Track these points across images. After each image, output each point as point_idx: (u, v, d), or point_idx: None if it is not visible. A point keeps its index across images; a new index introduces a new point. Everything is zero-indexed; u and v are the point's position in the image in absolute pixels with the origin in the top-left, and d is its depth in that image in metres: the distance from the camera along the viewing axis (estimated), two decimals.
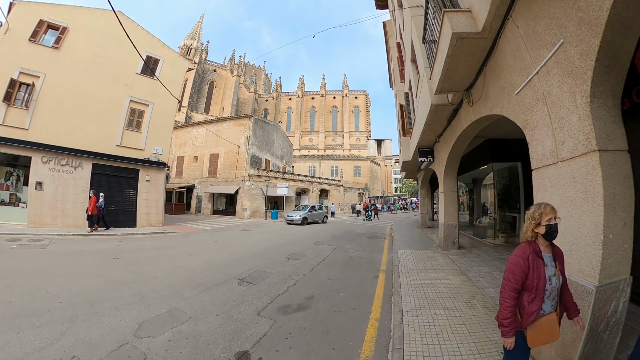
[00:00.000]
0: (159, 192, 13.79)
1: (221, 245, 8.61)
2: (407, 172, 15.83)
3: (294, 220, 15.55)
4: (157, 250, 7.43)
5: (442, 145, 7.56)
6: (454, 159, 7.31)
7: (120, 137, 12.90)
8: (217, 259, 6.58)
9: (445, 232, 7.76)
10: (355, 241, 9.46)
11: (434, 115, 6.24)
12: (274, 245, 8.51)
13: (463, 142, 6.52)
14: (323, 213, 17.98)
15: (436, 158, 8.45)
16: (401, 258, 6.66)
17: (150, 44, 14.67)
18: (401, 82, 12.77)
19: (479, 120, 5.06)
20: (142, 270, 5.36)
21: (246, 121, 22.37)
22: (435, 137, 7.88)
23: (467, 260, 6.58)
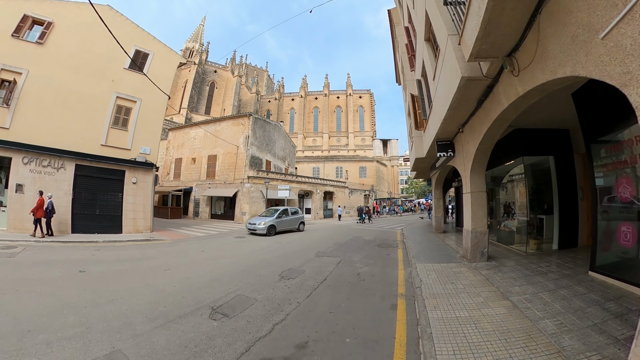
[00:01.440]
0: (147, 196, 12.78)
1: (207, 257, 7.46)
2: (419, 172, 14.42)
3: (257, 229, 11.96)
4: (133, 262, 6.55)
5: (468, 135, 6.21)
6: (483, 152, 5.94)
7: (105, 136, 12.16)
8: (195, 276, 5.43)
9: (473, 241, 6.38)
10: (364, 251, 8.12)
11: (462, 95, 4.91)
12: (267, 258, 7.24)
13: (498, 128, 5.18)
14: (299, 219, 14.40)
15: (458, 152, 7.09)
16: (422, 276, 5.30)
17: (140, 38, 13.92)
18: (411, 70, 11.49)
19: (528, 95, 3.79)
20: (104, 289, 4.56)
21: (245, 120, 21.29)
22: (458, 127, 6.53)
23: (503, 277, 5.24)
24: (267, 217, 12.94)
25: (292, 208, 14.76)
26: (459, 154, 6.97)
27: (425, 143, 9.03)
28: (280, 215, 13.23)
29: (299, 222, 14.46)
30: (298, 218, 14.45)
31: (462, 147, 6.65)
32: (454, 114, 5.72)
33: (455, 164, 7.38)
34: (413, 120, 9.76)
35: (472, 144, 5.99)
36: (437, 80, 6.30)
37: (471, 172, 6.22)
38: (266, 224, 12.21)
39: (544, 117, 6.39)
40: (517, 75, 3.77)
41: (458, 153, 7.06)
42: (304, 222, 14.87)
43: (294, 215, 14.26)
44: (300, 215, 14.73)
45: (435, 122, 6.94)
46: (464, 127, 6.38)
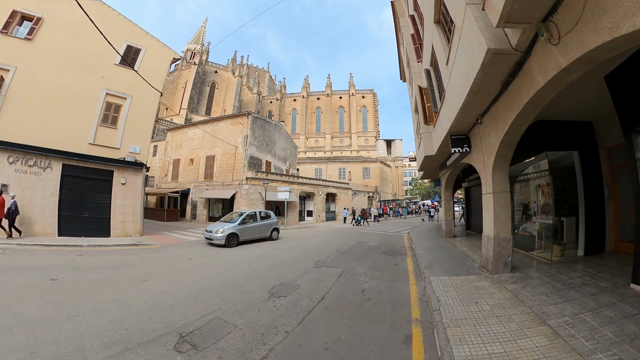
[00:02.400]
0: (136, 197, 12.11)
1: (192, 266, 6.69)
2: (427, 172, 13.50)
3: (214, 239, 9.56)
4: (112, 270, 6.01)
5: (489, 126, 5.35)
6: (508, 144, 5.08)
7: (94, 134, 11.58)
8: (172, 290, 4.70)
9: (496, 250, 5.50)
10: (369, 259, 7.25)
11: (485, 75, 4.07)
12: (259, 269, 6.41)
13: (529, 114, 4.33)
14: (270, 225, 11.57)
15: (475, 147, 6.22)
16: (439, 293, 4.44)
17: (132, 33, 13.38)
18: (418, 61, 10.70)
19: (572, 68, 3.09)
20: (68, 302, 4.09)
21: (244, 119, 20.60)
22: (477, 117, 5.67)
23: (533, 293, 4.40)
24: (227, 223, 10.22)
25: (263, 211, 11.93)
26: (477, 149, 6.10)
27: (436, 139, 8.17)
28: (245, 221, 10.47)
29: (272, 228, 11.58)
30: (269, 224, 11.59)
31: (481, 140, 5.79)
32: (473, 101, 4.87)
33: (472, 160, 6.51)
34: (421, 115, 8.91)
35: (495, 135, 5.12)
36: (451, 64, 5.47)
37: (493, 169, 5.35)
38: (225, 231, 9.52)
39: (566, 107, 5.57)
40: (556, 44, 2.97)
41: (475, 148, 6.19)
42: (277, 228, 11.97)
43: (264, 220, 11.41)
44: (273, 220, 11.91)
45: (449, 113, 6.09)
46: (484, 117, 5.52)
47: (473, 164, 6.42)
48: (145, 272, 5.89)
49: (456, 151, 6.39)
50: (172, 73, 51.72)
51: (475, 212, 13.04)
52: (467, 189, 13.81)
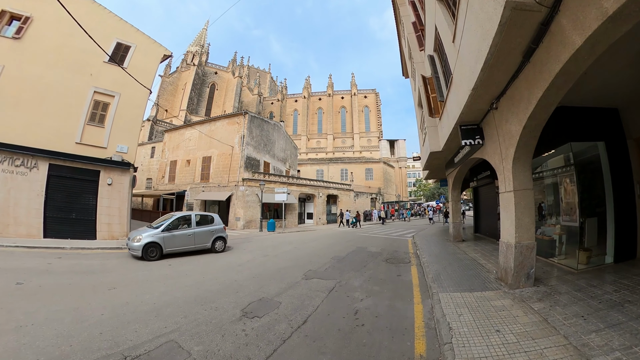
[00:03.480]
0: (123, 198, 11.64)
1: (168, 274, 6.08)
2: (432, 171, 12.58)
3: (131, 248, 7.54)
4: (83, 276, 5.71)
5: (507, 111, 4.47)
6: (532, 131, 4.22)
7: (81, 133, 11.27)
8: (136, 302, 4.21)
9: (517, 260, 4.60)
10: (368, 269, 6.36)
11: (503, 41, 3.24)
12: (239, 280, 5.61)
13: (560, 89, 3.48)
14: (212, 232, 8.87)
15: (490, 138, 5.34)
16: (450, 317, 3.55)
17: (122, 30, 13.07)
18: (420, 49, 9.92)
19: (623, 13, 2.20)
20: (24, 309, 3.83)
21: (240, 119, 19.93)
22: (491, 101, 4.81)
23: (566, 315, 3.56)
24: (151, 229, 7.98)
25: (202, 214, 9.30)
26: (492, 139, 5.21)
27: (443, 132, 7.30)
28: (172, 226, 8.04)
29: (214, 237, 8.81)
30: (210, 231, 8.77)
31: (497, 129, 4.91)
32: (488, 79, 4.02)
33: (485, 154, 5.62)
34: (426, 107, 8.06)
35: (515, 121, 4.25)
36: (459, 39, 4.65)
37: (514, 162, 4.46)
38: (141, 240, 7.40)
39: (588, 90, 4.71)
40: None
41: (490, 139, 5.31)
42: (224, 237, 9.11)
43: (202, 226, 8.71)
44: (217, 226, 9.01)
45: (457, 99, 5.24)
46: (500, 100, 4.64)
47: (487, 158, 5.53)
48: (118, 279, 5.52)
49: (467, 144, 5.51)
50: (172, 75, 51.56)
51: (484, 214, 12.09)
52: (476, 189, 12.84)
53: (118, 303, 4.13)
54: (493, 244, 9.54)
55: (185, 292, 4.72)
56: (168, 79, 50.61)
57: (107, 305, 4.05)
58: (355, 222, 20.47)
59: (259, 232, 15.87)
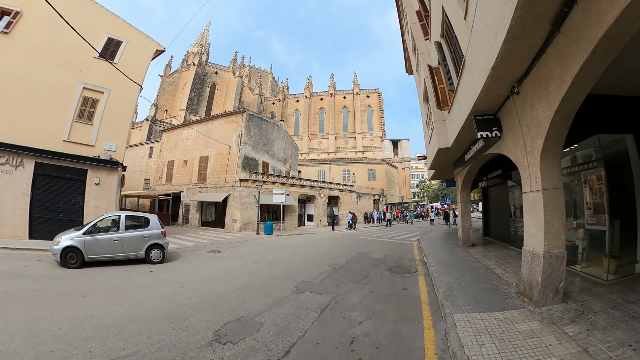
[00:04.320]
0: (111, 199, 11.13)
1: (147, 282, 5.64)
2: (439, 170, 11.80)
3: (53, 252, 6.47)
4: (57, 281, 5.37)
5: (533, 94, 3.75)
6: (565, 117, 3.51)
7: (69, 130, 10.92)
8: (102, 314, 3.82)
9: (546, 272, 3.88)
10: (369, 280, 5.61)
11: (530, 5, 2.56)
12: (222, 292, 4.94)
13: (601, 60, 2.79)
14: (146, 237, 7.24)
15: (510, 129, 4.60)
16: (470, 348, 2.82)
17: (114, 25, 12.69)
18: (425, 39, 9.27)
19: None
20: None
21: (238, 117, 19.33)
22: (512, 84, 4.09)
23: (610, 343, 2.90)
24: (70, 232, 6.79)
25: (134, 215, 7.72)
26: (512, 130, 4.48)
27: (452, 126, 6.57)
28: (97, 229, 6.76)
29: (149, 244, 7.19)
30: (143, 237, 7.17)
31: (520, 118, 4.17)
32: (510, 55, 3.33)
33: (504, 148, 4.88)
34: (433, 99, 7.33)
35: (544, 106, 3.53)
36: (473, 12, 3.99)
37: (542, 155, 3.73)
38: (61, 243, 6.31)
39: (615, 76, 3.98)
40: None
41: (510, 130, 4.57)
42: (162, 245, 7.42)
43: (132, 230, 7.16)
44: (152, 231, 7.33)
45: (472, 84, 4.52)
46: (522, 83, 3.92)
47: (506, 153, 4.79)
48: (91, 286, 5.13)
49: (483, 136, 4.77)
50: (172, 75, 51.31)
51: (495, 216, 11.29)
52: (485, 189, 12.05)
53: (82, 315, 3.75)
54: (505, 249, 8.78)
55: (157, 305, 4.18)
56: (168, 79, 50.35)
57: (70, 316, 3.68)
58: (352, 224, 20.14)
59: (256, 235, 15.19)
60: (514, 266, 6.25)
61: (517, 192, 8.86)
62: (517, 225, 8.85)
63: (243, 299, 4.52)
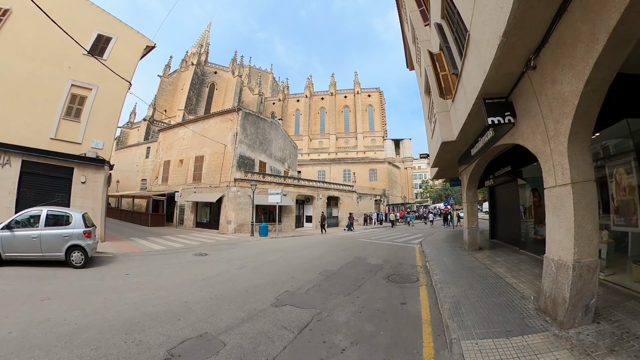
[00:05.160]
0: (97, 198, 10.84)
1: (119, 286, 5.26)
2: (442, 168, 11.04)
3: None
4: (27, 282, 5.19)
5: (556, 65, 3.03)
6: (596, 90, 2.82)
7: (56, 128, 10.54)
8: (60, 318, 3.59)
9: (575, 286, 3.17)
10: (362, 292, 4.84)
11: None
12: (193, 300, 4.37)
13: None
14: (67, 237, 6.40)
15: (527, 112, 3.87)
16: None
17: (104, 21, 12.48)
18: (425, 24, 8.66)
19: None
20: None
21: (234, 115, 18.74)
22: (528, 56, 3.38)
23: None
24: None
25: (56, 211, 6.81)
26: (528, 114, 3.76)
27: (457, 116, 5.85)
28: (15, 224, 6.22)
29: (68, 244, 6.39)
30: (63, 236, 6.39)
31: (538, 97, 3.46)
32: (525, 14, 2.64)
33: (519, 137, 4.15)
34: (436, 88, 6.63)
35: (569, 77, 2.82)
36: None
37: (570, 140, 3.01)
38: None
39: None
40: None
41: (526, 114, 3.84)
42: (84, 247, 6.53)
43: (52, 227, 6.41)
44: (73, 230, 6.50)
45: (479, 60, 3.81)
46: (540, 53, 3.21)
47: (522, 142, 4.06)
48: (59, 288, 4.90)
49: (494, 122, 4.05)
50: (171, 75, 50.99)
51: (502, 217, 10.51)
52: (492, 188, 11.27)
53: (39, 319, 3.52)
54: (516, 253, 8.02)
55: (119, 312, 3.83)
56: (167, 80, 50.07)
57: (25, 320, 3.46)
58: (350, 225, 19.69)
59: (250, 236, 14.54)
60: (528, 274, 5.50)
61: (527, 191, 8.12)
62: (528, 227, 8.12)
63: (213, 311, 3.92)
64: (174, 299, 4.43)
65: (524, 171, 7.93)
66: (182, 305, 4.14)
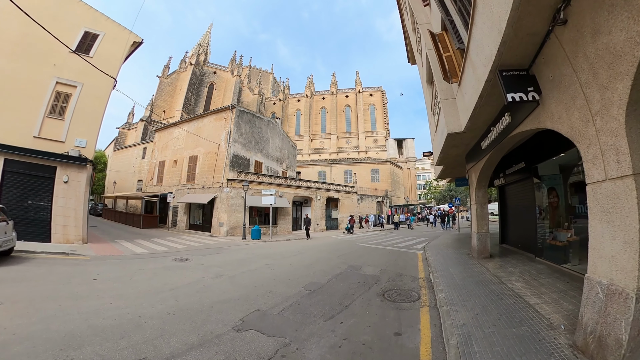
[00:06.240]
0: (79, 198, 10.36)
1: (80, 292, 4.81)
2: (448, 166, 10.08)
3: None
4: None
5: (593, 14, 2.11)
6: None
7: (40, 126, 10.15)
8: None
9: (637, 325, 2.20)
10: (349, 315, 3.86)
11: None
12: (148, 314, 3.71)
13: None
14: None
15: (555, 85, 2.96)
16: None
17: (92, 18, 12.15)
18: (425, 4, 7.88)
19: None
20: None
21: (228, 114, 18.03)
22: (555, 9, 2.47)
23: None
24: None
25: None
26: (560, 86, 2.85)
27: (465, 102, 4.94)
28: None
29: None
30: None
31: (572, 60, 2.55)
32: None
33: (547, 118, 3.24)
34: (440, 71, 5.74)
35: (623, 21, 1.91)
36: None
37: (627, 113, 2.10)
38: None
39: None
40: None
41: (555, 88, 2.93)
42: None
43: None
44: None
45: (492, 21, 2.93)
46: (570, 1, 2.31)
47: (552, 124, 3.14)
48: (18, 292, 4.55)
49: (514, 100, 3.15)
50: (170, 76, 50.60)
51: (515, 220, 9.54)
52: (502, 188, 10.29)
53: None
54: (531, 261, 7.06)
55: (65, 323, 3.41)
56: (166, 80, 49.75)
57: None
58: (350, 228, 18.91)
59: (242, 240, 13.72)
60: (551, 290, 4.56)
61: (544, 191, 7.16)
62: (545, 231, 7.15)
63: (164, 330, 3.27)
64: (129, 312, 3.87)
65: (541, 168, 6.98)
66: (134, 320, 3.57)
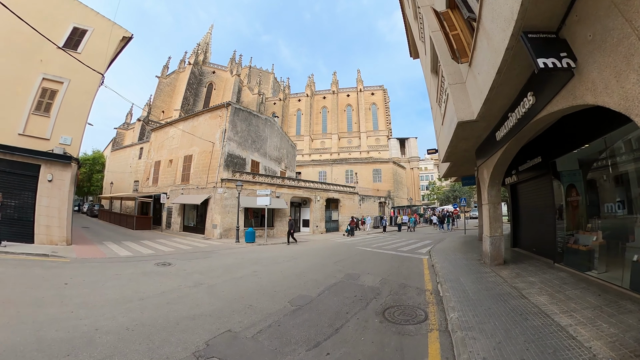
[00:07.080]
0: (63, 197, 9.91)
1: (46, 296, 4.50)
2: (455, 163, 9.27)
3: None
4: None
5: None
6: None
7: (25, 123, 9.86)
8: None
9: None
10: (338, 342, 3.07)
11: None
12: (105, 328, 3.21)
13: None
14: None
15: (597, 47, 2.20)
16: None
17: (81, 14, 11.84)
18: None
19: None
20: None
21: (223, 111, 17.40)
22: None
23: None
24: None
25: None
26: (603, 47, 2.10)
27: (479, 83, 4.20)
28: None
29: None
30: None
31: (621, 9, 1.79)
32: None
33: (587, 91, 2.49)
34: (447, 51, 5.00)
35: None
36: None
37: None
38: None
39: None
40: None
41: (597, 48, 2.16)
42: None
43: None
44: None
45: None
46: None
47: (595, 99, 2.39)
48: None
49: (547, 66, 2.42)
50: (169, 76, 50.29)
51: (529, 221, 8.73)
52: (513, 187, 9.49)
53: None
54: (550, 268, 6.27)
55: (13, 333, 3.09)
56: (165, 80, 49.45)
57: None
58: (350, 230, 18.26)
59: (235, 243, 13.04)
60: (582, 306, 3.80)
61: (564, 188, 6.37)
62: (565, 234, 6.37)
63: (115, 349, 2.80)
64: (87, 323, 3.47)
65: (560, 163, 6.22)
66: (88, 334, 3.15)
